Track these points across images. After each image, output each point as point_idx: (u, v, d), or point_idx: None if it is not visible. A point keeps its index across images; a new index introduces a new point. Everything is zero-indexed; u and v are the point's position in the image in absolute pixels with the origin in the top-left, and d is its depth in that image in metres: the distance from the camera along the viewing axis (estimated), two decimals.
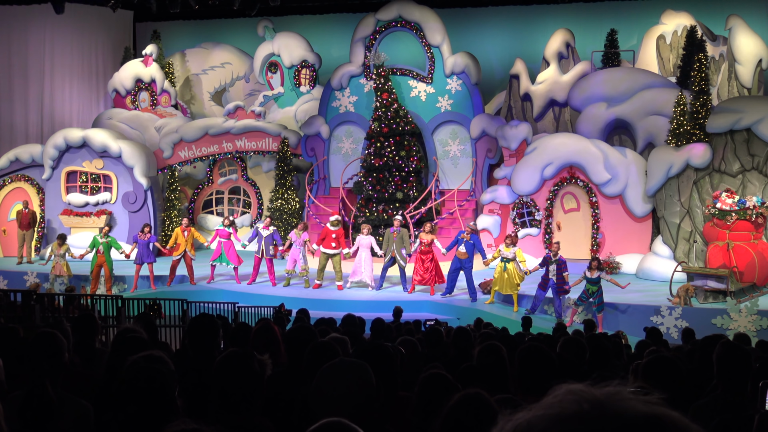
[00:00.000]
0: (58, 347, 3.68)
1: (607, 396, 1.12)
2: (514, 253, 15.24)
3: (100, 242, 17.04)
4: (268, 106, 25.30)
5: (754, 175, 16.54)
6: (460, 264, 15.79)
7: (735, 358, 3.89)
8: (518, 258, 15.23)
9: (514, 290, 15.33)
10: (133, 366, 3.02)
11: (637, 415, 1.09)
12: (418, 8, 20.71)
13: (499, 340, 5.54)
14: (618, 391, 1.13)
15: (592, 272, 14.13)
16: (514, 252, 15.25)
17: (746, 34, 21.44)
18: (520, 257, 15.26)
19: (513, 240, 15.51)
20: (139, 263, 17.40)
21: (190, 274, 17.83)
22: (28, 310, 10.82)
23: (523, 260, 15.26)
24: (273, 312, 13.59)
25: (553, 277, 14.56)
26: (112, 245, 17.20)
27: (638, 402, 1.11)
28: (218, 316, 10.13)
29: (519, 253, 15.33)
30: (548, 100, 21.70)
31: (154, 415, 2.90)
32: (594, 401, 1.11)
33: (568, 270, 14.60)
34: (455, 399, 2.68)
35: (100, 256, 17.09)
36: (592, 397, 1.12)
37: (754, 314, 13.55)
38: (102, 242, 17.05)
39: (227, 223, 18.08)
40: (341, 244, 16.95)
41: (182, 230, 17.70)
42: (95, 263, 17.16)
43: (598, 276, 14.15)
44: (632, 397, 1.12)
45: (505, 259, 15.30)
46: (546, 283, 14.77)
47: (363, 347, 3.66)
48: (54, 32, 25.57)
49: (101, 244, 17.03)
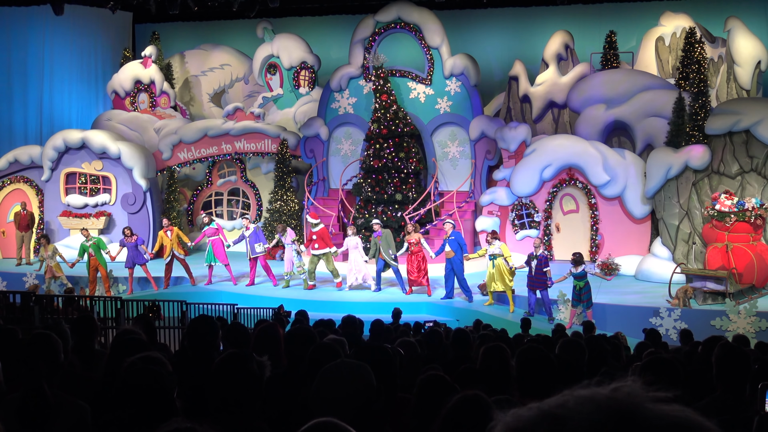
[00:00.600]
0: (55, 348, 3.67)
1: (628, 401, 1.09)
2: (500, 248, 15.25)
3: (87, 245, 17.05)
4: (268, 107, 25.30)
5: (753, 176, 16.55)
6: (451, 264, 15.81)
7: (734, 359, 3.89)
8: (504, 253, 15.24)
9: (507, 287, 15.33)
10: (131, 367, 3.02)
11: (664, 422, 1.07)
12: (417, 10, 20.72)
13: (499, 342, 5.53)
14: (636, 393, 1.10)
15: (575, 267, 14.15)
16: (499, 247, 15.27)
17: (745, 36, 21.46)
18: (505, 252, 15.27)
19: (493, 235, 15.53)
20: (131, 266, 17.36)
21: (188, 274, 17.82)
22: (27, 311, 10.82)
23: (508, 255, 15.28)
24: (272, 313, 13.59)
25: (535, 273, 14.65)
26: (100, 245, 17.23)
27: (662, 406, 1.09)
28: (218, 318, 10.12)
29: (504, 249, 15.35)
30: (547, 101, 21.72)
31: (152, 416, 2.89)
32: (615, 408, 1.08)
33: (549, 266, 14.71)
34: (454, 400, 2.68)
35: (92, 258, 17.11)
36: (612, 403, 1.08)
37: (753, 316, 13.55)
38: (89, 245, 17.06)
39: (207, 220, 18.14)
40: (327, 243, 17.00)
41: (164, 231, 17.74)
42: (89, 266, 17.19)
43: (584, 270, 14.16)
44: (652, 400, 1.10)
45: (493, 256, 15.32)
46: (531, 279, 14.85)
47: (362, 348, 3.66)
48: (53, 33, 25.57)
49: (89, 247, 17.05)
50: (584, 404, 1.09)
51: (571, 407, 1.09)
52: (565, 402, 1.11)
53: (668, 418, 1.07)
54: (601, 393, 1.11)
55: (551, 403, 1.12)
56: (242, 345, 4.68)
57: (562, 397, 1.12)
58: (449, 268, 15.87)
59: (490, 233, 15.96)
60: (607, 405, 1.08)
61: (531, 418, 1.12)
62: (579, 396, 1.11)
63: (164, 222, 18.24)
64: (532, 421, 1.11)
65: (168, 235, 17.60)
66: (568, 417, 1.08)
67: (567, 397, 1.12)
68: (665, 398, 1.10)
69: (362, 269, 16.91)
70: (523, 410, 1.13)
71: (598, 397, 1.10)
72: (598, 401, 1.09)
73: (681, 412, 1.08)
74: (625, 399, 1.09)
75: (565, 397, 1.12)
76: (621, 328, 12.49)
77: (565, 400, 1.11)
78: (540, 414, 1.11)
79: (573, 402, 1.10)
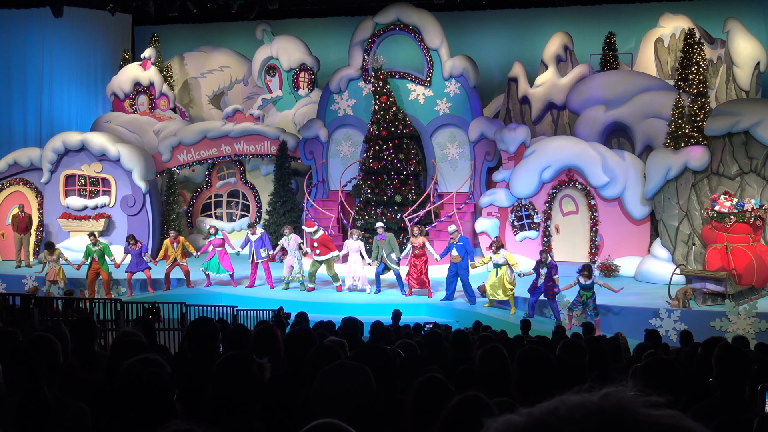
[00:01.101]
0: (54, 350, 3.67)
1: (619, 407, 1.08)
2: (504, 258, 15.22)
3: (93, 251, 17.05)
4: (267, 109, 25.30)
5: (753, 177, 16.55)
6: (456, 268, 15.79)
7: (734, 361, 3.89)
8: (509, 261, 15.19)
9: (507, 295, 15.31)
10: (129, 369, 3.01)
11: None
12: (417, 11, 20.73)
13: (498, 343, 5.53)
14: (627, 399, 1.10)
15: (585, 279, 14.11)
16: (504, 256, 15.23)
17: (744, 37, 21.48)
18: (510, 260, 15.21)
19: (497, 244, 15.48)
20: (132, 272, 17.39)
21: (187, 279, 17.84)
22: (27, 313, 10.81)
23: (514, 263, 15.21)
24: (272, 315, 13.58)
25: (543, 280, 14.62)
26: (105, 252, 17.21)
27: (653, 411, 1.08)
28: (219, 320, 10.11)
29: (509, 257, 15.28)
30: (546, 103, 21.73)
31: (152, 418, 2.89)
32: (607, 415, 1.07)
33: (558, 273, 14.65)
34: (454, 402, 2.68)
35: (95, 263, 17.12)
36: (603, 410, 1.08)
37: (753, 317, 13.55)
38: (95, 250, 17.06)
39: (213, 231, 18.04)
40: (330, 248, 17.00)
41: (171, 242, 17.71)
42: (90, 269, 17.19)
43: (592, 282, 14.13)
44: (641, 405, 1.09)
45: (497, 265, 15.30)
46: (535, 287, 14.81)
47: (362, 350, 3.66)
48: (53, 36, 25.58)
49: (94, 252, 17.05)
50: (575, 412, 1.09)
51: (562, 415, 1.09)
52: (555, 409, 1.10)
53: (659, 425, 1.06)
54: (592, 400, 1.10)
55: (542, 410, 1.11)
56: (242, 347, 4.68)
57: (554, 403, 1.12)
58: (453, 272, 15.84)
59: (494, 241, 15.91)
60: (599, 412, 1.08)
61: (521, 424, 1.11)
62: (570, 403, 1.10)
63: (171, 233, 18.11)
64: (523, 428, 1.11)
65: (173, 247, 17.58)
66: (558, 425, 1.08)
67: (558, 403, 1.11)
68: (657, 403, 1.10)
69: (360, 273, 16.90)
70: (514, 416, 1.13)
71: (588, 404, 1.09)
72: (589, 408, 1.08)
73: (673, 418, 1.08)
74: (616, 405, 1.08)
75: (556, 403, 1.11)
76: (621, 329, 12.49)
77: (556, 407, 1.10)
78: (530, 421, 1.11)
79: (564, 409, 1.10)
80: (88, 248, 17.16)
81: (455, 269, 15.79)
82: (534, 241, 19.00)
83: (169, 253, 17.59)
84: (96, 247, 17.11)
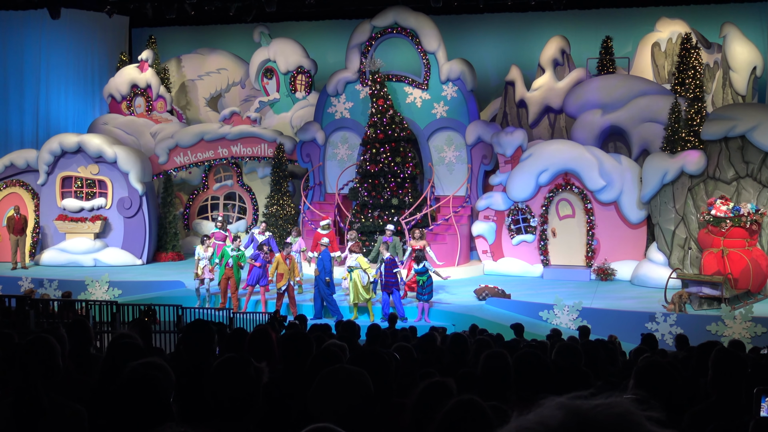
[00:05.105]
0: (51, 352, 3.66)
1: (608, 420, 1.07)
2: (357, 261, 15.08)
3: (230, 255, 15.95)
4: (264, 111, 25.29)
5: (749, 182, 16.59)
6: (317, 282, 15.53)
7: (730, 365, 3.90)
8: (362, 265, 15.03)
9: (365, 299, 15.11)
10: (130, 372, 3.01)
11: None
12: (414, 15, 20.74)
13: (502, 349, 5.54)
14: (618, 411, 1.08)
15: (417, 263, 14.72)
16: (356, 259, 15.10)
17: (740, 42, 21.53)
18: (363, 265, 15.05)
19: (351, 249, 15.39)
20: (252, 284, 15.93)
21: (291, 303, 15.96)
22: (23, 315, 10.79)
23: (367, 267, 15.04)
24: (268, 318, 13.56)
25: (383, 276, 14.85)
26: (241, 260, 16.03)
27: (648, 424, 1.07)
28: (218, 323, 10.10)
29: (361, 260, 15.11)
30: (543, 106, 21.77)
31: (147, 420, 2.89)
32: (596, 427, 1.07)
33: (398, 267, 15.06)
34: (449, 405, 2.68)
35: (228, 269, 15.98)
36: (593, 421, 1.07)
37: (749, 321, 13.57)
38: (232, 255, 15.93)
39: (219, 226, 17.94)
40: (334, 248, 16.94)
41: (283, 258, 15.69)
42: (222, 275, 16.11)
43: (424, 266, 14.60)
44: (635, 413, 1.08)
45: (350, 268, 15.18)
46: (382, 285, 14.98)
47: (359, 353, 3.66)
48: (50, 37, 25.53)
49: (231, 257, 15.94)
50: (565, 424, 1.08)
51: (552, 427, 1.08)
52: (544, 420, 1.09)
53: None
54: (582, 410, 1.09)
55: (531, 420, 1.10)
56: (238, 349, 4.68)
57: (542, 412, 1.10)
58: None
59: (349, 246, 15.63)
60: (589, 425, 1.07)
61: None
62: (559, 414, 1.09)
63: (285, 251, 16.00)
64: None
65: (286, 263, 15.61)
66: None
67: (547, 412, 1.10)
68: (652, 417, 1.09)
69: None
70: (503, 429, 1.12)
71: (580, 415, 1.08)
72: (579, 420, 1.08)
73: None
74: (605, 417, 1.07)
75: (545, 413, 1.10)
76: (617, 333, 12.50)
77: (545, 418, 1.09)
78: None
79: (554, 421, 1.08)
80: (224, 251, 16.06)
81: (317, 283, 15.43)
82: (530, 244, 19.03)
83: (280, 270, 15.61)
84: (234, 252, 15.94)
